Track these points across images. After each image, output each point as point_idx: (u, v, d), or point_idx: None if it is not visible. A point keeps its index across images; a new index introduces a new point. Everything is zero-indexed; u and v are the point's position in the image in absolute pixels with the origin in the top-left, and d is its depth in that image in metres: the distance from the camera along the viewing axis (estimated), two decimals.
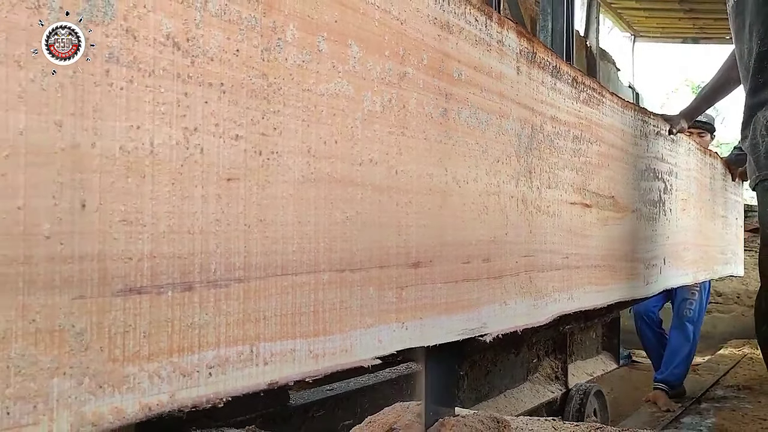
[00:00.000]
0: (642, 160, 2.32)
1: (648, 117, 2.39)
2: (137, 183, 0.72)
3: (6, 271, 0.61)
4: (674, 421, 4.10)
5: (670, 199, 2.58)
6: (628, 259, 2.18)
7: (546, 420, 1.86)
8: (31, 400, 0.62)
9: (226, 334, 0.81)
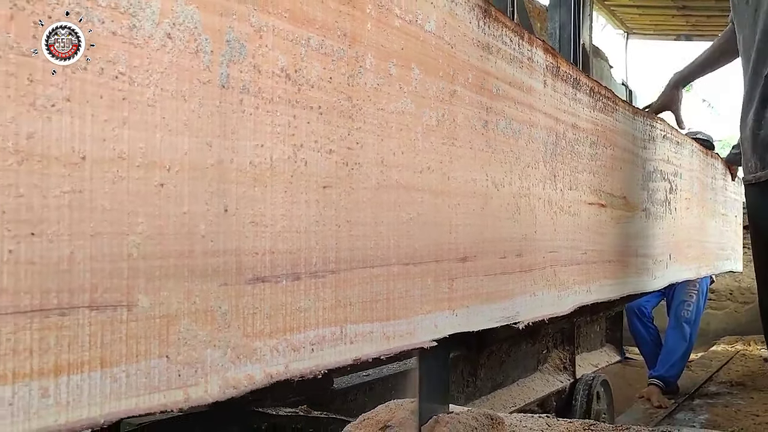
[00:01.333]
0: (650, 162, 2.48)
1: (656, 121, 2.56)
2: (261, 191, 0.87)
3: (177, 262, 0.76)
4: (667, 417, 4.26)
5: (675, 199, 2.75)
6: (637, 254, 2.34)
7: (540, 417, 1.93)
8: (193, 366, 0.78)
9: (322, 317, 0.97)
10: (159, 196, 0.74)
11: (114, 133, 0.70)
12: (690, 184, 3.00)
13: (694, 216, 3.05)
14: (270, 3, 0.88)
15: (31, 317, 0.62)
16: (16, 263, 0.61)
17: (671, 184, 2.71)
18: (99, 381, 0.68)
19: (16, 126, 0.61)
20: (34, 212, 0.63)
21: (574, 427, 1.89)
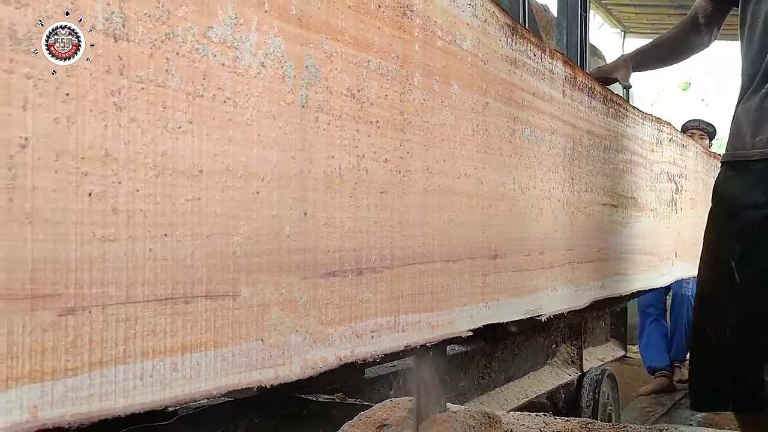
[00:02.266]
0: (657, 164, 2.61)
1: (662, 125, 2.69)
2: (332, 197, 1.00)
3: (268, 259, 0.89)
4: (664, 416, 4.38)
5: (681, 199, 2.88)
6: (646, 252, 2.47)
7: (537, 415, 1.95)
8: (281, 348, 0.90)
9: (380, 307, 1.10)
10: (255, 202, 0.87)
11: (223, 149, 0.82)
12: (695, 185, 3.13)
13: (698, 215, 3.17)
14: (338, 31, 1.00)
15: (165, 304, 0.75)
16: (155, 260, 0.74)
17: (677, 185, 2.84)
18: (213, 359, 0.80)
19: (154, 145, 0.74)
20: (166, 217, 0.75)
21: (572, 425, 1.92)
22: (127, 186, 0.71)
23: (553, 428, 1.89)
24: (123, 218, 0.70)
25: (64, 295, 0.65)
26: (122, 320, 0.70)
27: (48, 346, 0.64)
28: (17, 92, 0.62)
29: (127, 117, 0.71)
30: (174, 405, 0.77)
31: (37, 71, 0.63)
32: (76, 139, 0.66)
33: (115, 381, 0.70)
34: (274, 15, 0.89)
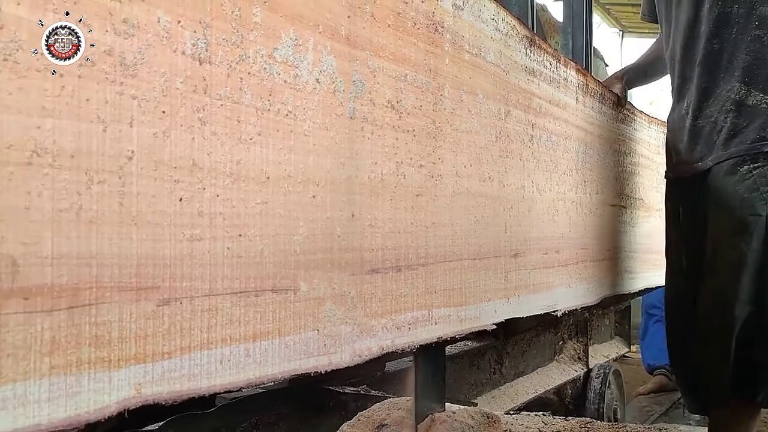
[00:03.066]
0: (663, 166, 2.70)
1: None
2: (375, 200, 1.09)
3: (323, 257, 0.98)
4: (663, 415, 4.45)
5: None
6: (652, 251, 2.56)
7: (536, 415, 2.01)
8: (333, 338, 0.99)
9: (416, 302, 1.19)
10: (312, 205, 0.96)
11: (285, 158, 0.91)
12: None
13: None
14: (381, 48, 1.10)
15: (239, 297, 0.84)
16: (232, 257, 0.83)
17: None
18: (278, 346, 0.90)
19: (230, 155, 0.83)
20: (240, 219, 0.84)
21: (571, 425, 1.98)
22: (209, 192, 0.80)
23: (552, 428, 1.95)
24: (206, 220, 0.80)
25: (161, 288, 0.74)
26: (206, 311, 0.80)
27: (149, 332, 0.73)
28: (126, 111, 0.71)
29: (210, 131, 0.80)
30: (247, 386, 0.86)
31: (140, 92, 0.72)
32: (170, 151, 0.75)
33: (200, 364, 0.79)
34: (327, 35, 0.98)
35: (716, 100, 1.87)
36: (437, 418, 1.43)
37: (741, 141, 1.80)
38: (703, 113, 1.90)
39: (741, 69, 1.83)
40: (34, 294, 0.62)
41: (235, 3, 0.83)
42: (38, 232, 0.63)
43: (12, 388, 0.61)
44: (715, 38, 1.88)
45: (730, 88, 1.84)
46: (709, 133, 1.88)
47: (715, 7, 1.88)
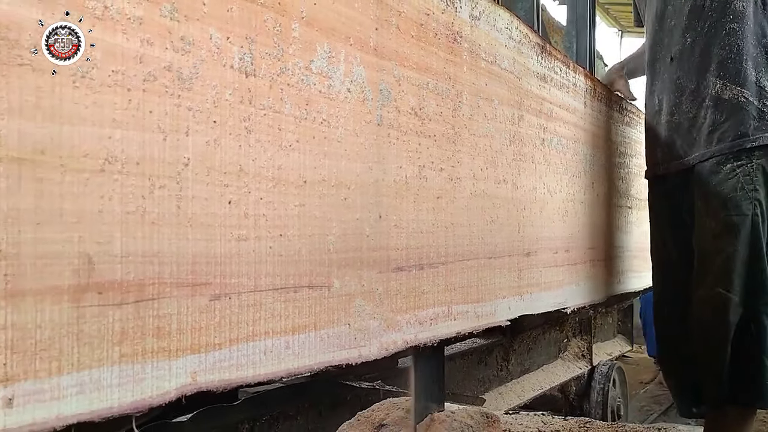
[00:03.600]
0: None
1: None
2: (399, 202, 1.15)
3: (353, 255, 1.04)
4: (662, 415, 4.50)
5: None
6: None
7: (535, 414, 2.02)
8: (363, 332, 1.06)
9: (437, 298, 1.25)
10: (344, 206, 1.02)
11: (320, 163, 0.97)
12: None
13: None
14: (405, 59, 1.16)
15: (280, 292, 0.90)
16: (273, 255, 0.89)
17: None
18: (314, 339, 0.96)
19: (272, 161, 0.89)
20: (281, 220, 0.91)
21: (570, 424, 2.00)
22: (254, 195, 0.86)
23: (551, 428, 1.98)
24: (252, 221, 0.86)
25: (213, 284, 0.80)
26: (251, 305, 0.86)
27: (203, 325, 0.79)
28: (182, 121, 0.77)
29: (254, 138, 0.86)
30: (286, 376, 0.92)
31: (195, 104, 0.78)
32: (220, 158, 0.82)
33: (246, 355, 0.85)
34: (357, 47, 1.04)
35: (692, 96, 1.85)
36: (436, 417, 1.44)
37: (721, 138, 1.78)
38: (679, 109, 1.88)
39: (716, 63, 1.81)
40: (106, 289, 0.69)
41: (277, 19, 0.89)
42: (109, 232, 0.69)
43: (89, 373, 0.67)
44: (688, 32, 1.86)
45: (705, 83, 1.82)
46: (688, 129, 1.86)
47: (687, 1, 1.86)
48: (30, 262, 0.62)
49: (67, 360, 0.65)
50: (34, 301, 0.63)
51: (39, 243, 0.63)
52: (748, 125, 1.75)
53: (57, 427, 0.64)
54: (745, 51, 1.79)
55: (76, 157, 0.66)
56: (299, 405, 1.81)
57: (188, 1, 0.78)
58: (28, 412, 0.62)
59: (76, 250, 0.66)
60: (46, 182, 0.64)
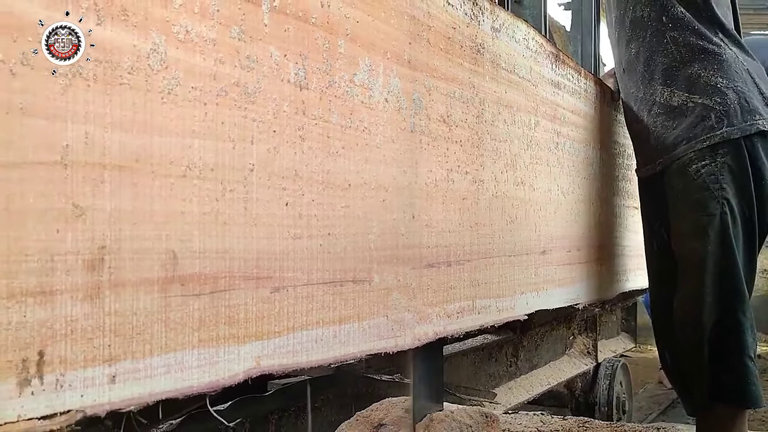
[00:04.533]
0: None
1: None
2: (430, 203, 1.24)
3: (390, 253, 1.13)
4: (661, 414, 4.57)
5: None
6: None
7: (534, 414, 2.04)
8: (398, 323, 1.14)
9: (462, 293, 1.34)
10: (382, 208, 1.11)
11: (362, 168, 1.06)
12: None
13: None
14: (435, 69, 1.25)
15: (329, 286, 0.99)
16: (323, 252, 0.98)
17: None
18: (357, 329, 1.05)
19: (322, 166, 0.98)
20: (329, 220, 0.99)
21: (568, 424, 2.00)
22: (307, 197, 0.95)
23: (550, 427, 1.98)
24: (305, 221, 0.95)
25: (273, 278, 0.89)
26: (305, 297, 0.95)
27: (265, 314, 0.88)
28: (248, 131, 0.86)
29: (307, 146, 0.95)
30: (334, 363, 1.01)
31: (258, 116, 0.87)
32: (279, 164, 0.90)
33: (301, 342, 0.94)
34: (393, 60, 1.13)
35: (643, 105, 1.87)
36: (435, 417, 1.45)
37: (677, 143, 1.78)
38: (636, 118, 1.91)
39: (660, 72, 1.82)
40: (187, 281, 0.77)
41: (326, 37, 0.98)
42: (190, 231, 0.78)
43: (174, 356, 0.76)
44: (632, 43, 1.88)
45: (653, 92, 1.84)
46: (647, 137, 1.88)
47: (628, 12, 1.88)
48: (128, 257, 0.71)
49: (157, 343, 0.74)
50: (131, 291, 0.71)
51: (135, 240, 0.72)
52: (703, 126, 1.75)
53: (149, 401, 0.73)
54: (687, 56, 1.80)
55: (163, 165, 0.75)
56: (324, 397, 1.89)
57: (253, 23, 0.86)
58: (127, 388, 0.71)
59: (164, 247, 0.75)
60: (140, 186, 0.73)
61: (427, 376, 1.45)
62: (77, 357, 0.66)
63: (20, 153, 0.62)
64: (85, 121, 0.67)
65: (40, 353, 0.63)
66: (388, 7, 1.11)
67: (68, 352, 0.65)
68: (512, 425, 1.87)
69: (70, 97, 0.66)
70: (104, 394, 0.69)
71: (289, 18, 0.92)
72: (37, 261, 0.63)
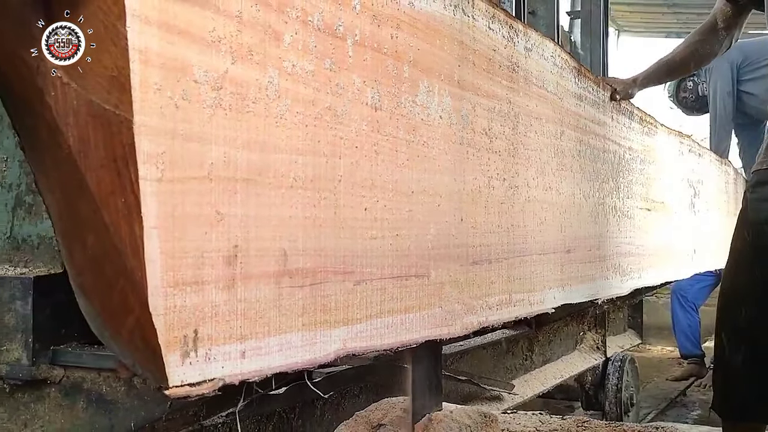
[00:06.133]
0: (680, 172, 3.01)
1: (683, 138, 3.09)
2: (474, 207, 1.39)
3: (443, 252, 1.28)
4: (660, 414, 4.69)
5: (699, 202, 3.28)
6: (671, 248, 2.87)
7: (533, 414, 2.10)
8: (450, 313, 1.30)
9: (500, 288, 1.49)
10: (438, 211, 1.26)
11: (422, 176, 1.21)
12: (709, 189, 3.53)
13: (712, 216, 3.58)
14: (478, 88, 1.40)
15: (397, 280, 1.14)
16: (392, 251, 1.13)
17: (695, 190, 3.24)
18: (418, 318, 1.20)
19: (392, 176, 1.13)
20: (397, 223, 1.15)
21: (567, 424, 2.05)
22: (381, 203, 1.10)
23: (549, 427, 2.04)
24: (379, 224, 1.10)
25: (355, 273, 1.05)
26: (379, 290, 1.10)
27: (349, 304, 1.03)
28: (337, 148, 1.01)
29: (380, 159, 1.10)
30: (401, 347, 1.16)
31: (344, 134, 1.02)
32: (359, 175, 1.06)
33: (377, 328, 1.09)
34: (446, 82, 1.29)
35: None
36: (434, 417, 1.46)
37: None
38: None
39: None
40: (294, 274, 0.93)
41: (394, 64, 1.13)
42: (296, 233, 0.93)
43: (285, 337, 0.91)
44: None
45: None
46: None
47: None
48: (253, 254, 0.86)
49: (273, 326, 0.89)
50: (255, 282, 0.87)
51: (258, 240, 0.87)
52: None
53: (267, 374, 0.88)
54: None
55: (277, 177, 0.90)
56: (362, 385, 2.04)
57: (340, 55, 1.01)
58: (253, 362, 0.86)
59: (278, 246, 0.90)
60: (261, 196, 0.88)
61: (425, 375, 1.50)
62: (219, 335, 0.81)
63: (181, 170, 0.77)
64: (223, 143, 0.82)
65: (195, 332, 0.78)
66: (441, 35, 1.27)
67: (213, 331, 0.81)
68: (511, 425, 1.94)
69: (214, 124, 0.81)
70: (237, 366, 0.84)
71: (366, 49, 1.07)
72: (192, 257, 0.78)
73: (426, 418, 1.45)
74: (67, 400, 1.08)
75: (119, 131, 0.73)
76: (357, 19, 1.04)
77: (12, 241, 1.13)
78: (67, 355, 1.07)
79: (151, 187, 0.73)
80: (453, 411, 1.51)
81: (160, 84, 0.74)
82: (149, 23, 0.73)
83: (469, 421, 1.50)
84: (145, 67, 0.73)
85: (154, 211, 0.74)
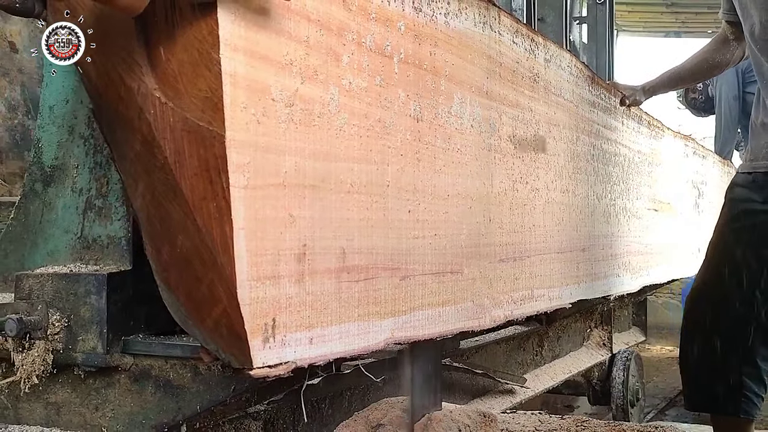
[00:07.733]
0: (685, 173, 3.12)
1: (688, 140, 3.19)
2: (500, 208, 1.50)
3: (473, 250, 1.39)
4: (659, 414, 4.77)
5: (702, 203, 3.39)
6: (677, 247, 2.98)
7: (532, 414, 2.11)
8: (480, 307, 1.40)
9: (524, 284, 1.60)
10: (469, 213, 1.37)
11: (456, 181, 1.32)
12: (712, 190, 3.64)
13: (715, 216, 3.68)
14: (504, 98, 1.51)
15: (435, 276, 1.25)
16: (432, 249, 1.24)
17: (699, 191, 3.35)
18: (453, 311, 1.31)
19: (430, 181, 1.24)
20: (435, 224, 1.25)
21: (567, 423, 2.06)
22: (422, 206, 1.21)
23: (548, 426, 2.06)
24: (420, 225, 1.21)
25: (401, 269, 1.15)
26: (420, 285, 1.21)
27: (396, 297, 1.14)
28: (385, 156, 1.12)
29: (422, 165, 1.21)
30: (439, 337, 1.27)
31: (391, 143, 1.13)
32: (404, 180, 1.16)
33: (418, 319, 1.20)
34: (475, 93, 1.39)
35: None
36: (434, 417, 1.47)
37: None
38: None
39: None
40: (351, 270, 1.03)
41: (433, 79, 1.24)
42: (352, 233, 1.04)
43: (344, 326, 1.02)
44: None
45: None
46: None
47: None
48: (318, 252, 0.97)
49: (334, 317, 1.00)
50: (319, 277, 0.97)
51: (322, 240, 0.98)
52: None
53: (330, 359, 0.99)
54: None
55: (337, 183, 1.01)
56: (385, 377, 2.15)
57: (388, 72, 1.12)
58: (319, 348, 0.97)
59: (338, 245, 1.01)
60: (324, 200, 0.99)
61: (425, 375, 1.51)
62: (292, 324, 0.92)
63: (262, 178, 0.88)
64: (294, 153, 0.93)
65: (273, 320, 0.89)
66: (472, 50, 1.37)
67: (287, 320, 0.91)
68: (510, 425, 1.95)
69: (287, 137, 0.92)
70: (306, 352, 0.94)
71: (410, 66, 1.18)
72: (270, 254, 0.89)
73: (425, 417, 1.47)
74: (136, 385, 1.18)
75: (212, 144, 0.83)
76: (402, 39, 1.15)
77: (83, 241, 1.23)
78: (138, 345, 1.17)
79: (239, 193, 0.84)
80: (452, 411, 1.53)
81: (246, 103, 0.85)
82: (237, 50, 0.84)
83: (468, 421, 1.52)
84: (234, 88, 0.83)
85: (241, 214, 0.84)
